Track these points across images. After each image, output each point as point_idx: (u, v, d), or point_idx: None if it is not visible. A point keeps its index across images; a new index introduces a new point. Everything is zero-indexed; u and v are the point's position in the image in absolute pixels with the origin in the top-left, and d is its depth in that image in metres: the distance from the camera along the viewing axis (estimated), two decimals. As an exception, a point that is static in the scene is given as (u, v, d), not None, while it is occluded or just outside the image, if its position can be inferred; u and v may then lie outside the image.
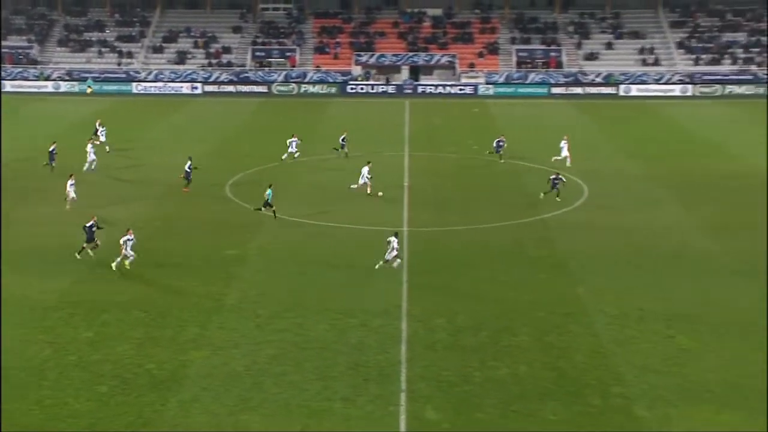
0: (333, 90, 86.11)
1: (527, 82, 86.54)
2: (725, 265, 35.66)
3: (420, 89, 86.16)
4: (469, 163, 53.62)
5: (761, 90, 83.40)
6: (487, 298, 31.96)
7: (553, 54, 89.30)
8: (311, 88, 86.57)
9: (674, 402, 24.39)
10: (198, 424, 23.13)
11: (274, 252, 36.22)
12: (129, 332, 28.68)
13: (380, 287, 32.86)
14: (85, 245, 35.36)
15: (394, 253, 34.02)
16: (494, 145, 53.46)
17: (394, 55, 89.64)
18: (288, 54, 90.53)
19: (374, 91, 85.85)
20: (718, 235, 39.42)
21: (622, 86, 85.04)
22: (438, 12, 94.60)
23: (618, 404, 24.34)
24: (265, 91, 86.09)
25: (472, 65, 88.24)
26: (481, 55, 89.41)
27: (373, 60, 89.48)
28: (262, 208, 41.49)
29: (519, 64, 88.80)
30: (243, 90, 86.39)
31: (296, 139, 53.72)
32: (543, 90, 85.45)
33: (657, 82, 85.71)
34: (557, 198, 44.55)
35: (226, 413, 23.64)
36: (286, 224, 40.91)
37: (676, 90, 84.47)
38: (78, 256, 35.43)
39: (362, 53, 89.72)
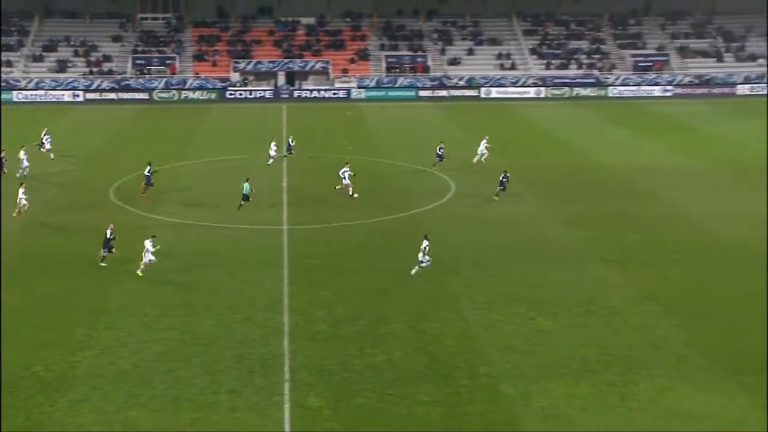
0: (213, 96, 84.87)
1: (396, 85, 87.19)
2: (580, 252, 36.76)
3: (296, 94, 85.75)
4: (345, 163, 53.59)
5: (603, 92, 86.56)
6: (364, 290, 32.10)
7: (419, 59, 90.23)
8: (191, 95, 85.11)
9: (535, 378, 25.05)
10: (88, 424, 22.50)
11: (160, 253, 35.50)
12: (16, 336, 27.65)
13: (263, 283, 32.64)
14: (104, 254, 34.33)
15: (423, 257, 33.05)
16: (437, 153, 52.24)
17: (270, 61, 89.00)
18: (168, 62, 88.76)
19: (252, 96, 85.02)
20: (574, 225, 40.59)
21: (482, 89, 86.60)
22: (311, 20, 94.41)
23: (485, 383, 24.84)
24: (147, 98, 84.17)
25: (345, 71, 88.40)
26: (352, 60, 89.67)
27: (250, 67, 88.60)
28: (242, 203, 41.63)
29: (388, 69, 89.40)
30: (124, 97, 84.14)
31: (275, 142, 53.62)
32: (411, 93, 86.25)
33: (514, 84, 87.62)
34: (495, 197, 44.76)
35: (114, 411, 23.07)
36: (171, 225, 40.17)
37: (531, 92, 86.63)
38: (103, 264, 34.28)
39: (240, 60, 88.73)
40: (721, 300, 31.14)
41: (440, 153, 51.77)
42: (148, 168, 45.24)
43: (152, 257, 33.25)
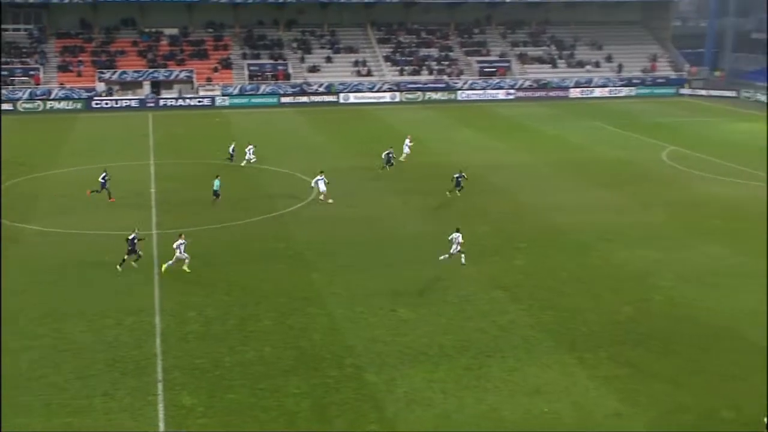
0: (79, 106, 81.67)
1: (259, 93, 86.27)
2: (435, 246, 37.22)
3: (162, 102, 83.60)
4: (211, 168, 52.57)
5: (452, 96, 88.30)
6: (233, 289, 31.63)
7: (280, 67, 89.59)
8: (57, 105, 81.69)
9: (397, 366, 25.31)
10: (-41, 434, 21.32)
11: (30, 261, 33.97)
12: None
13: (133, 287, 31.67)
14: (126, 257, 33.22)
15: (458, 247, 33.29)
16: (384, 156, 51.76)
17: (135, 71, 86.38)
18: (32, 72, 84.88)
19: (119, 105, 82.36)
20: (429, 220, 41.21)
21: (341, 94, 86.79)
22: (174, 31, 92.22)
23: (351, 373, 24.92)
24: (11, 108, 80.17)
25: (209, 79, 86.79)
26: (216, 69, 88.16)
27: (115, 77, 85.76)
28: (216, 198, 42.70)
29: (251, 77, 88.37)
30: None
31: (252, 146, 52.89)
32: (273, 100, 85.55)
33: (370, 90, 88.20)
34: (458, 193, 44.92)
35: (-13, 420, 21.94)
36: (39, 234, 38.47)
37: (387, 97, 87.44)
38: (119, 268, 33.15)
39: (105, 70, 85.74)
40: (562, 284, 32.29)
41: (389, 156, 51.81)
42: (103, 174, 44.26)
43: (185, 254, 33.02)
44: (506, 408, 22.91)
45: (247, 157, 52.81)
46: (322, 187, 44.13)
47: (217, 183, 43.40)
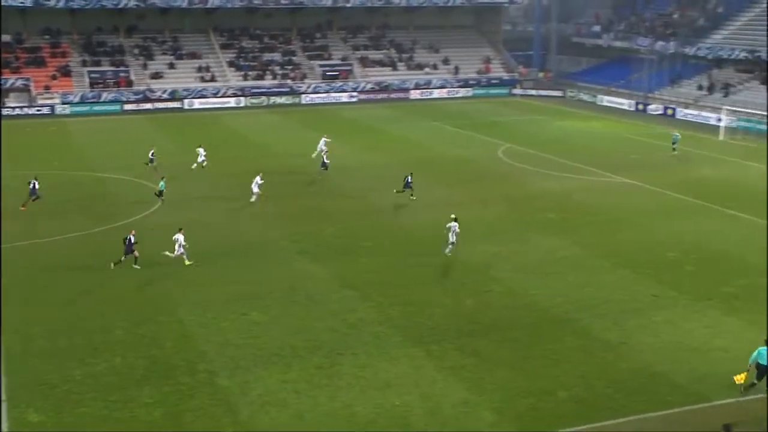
0: None
1: (101, 100, 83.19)
2: (283, 247, 37.23)
3: (-3, 111, 79.23)
4: (55, 179, 50.40)
5: (297, 100, 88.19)
6: (81, 300, 30.46)
7: (122, 74, 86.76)
8: None
9: (251, 369, 25.11)
10: None
11: None
12: None
13: (-28, 305, 29.92)
14: (123, 258, 33.63)
15: (455, 237, 34.64)
16: (321, 156, 51.58)
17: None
18: None
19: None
20: (278, 223, 41.05)
21: (186, 100, 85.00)
22: (8, 38, 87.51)
23: (204, 379, 24.51)
24: None
25: (47, 87, 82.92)
26: (54, 77, 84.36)
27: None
28: (160, 197, 43.47)
29: (92, 84, 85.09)
30: None
31: (203, 149, 53.19)
32: (116, 107, 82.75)
33: (215, 95, 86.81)
34: (411, 197, 44.92)
35: None
36: None
37: (231, 102, 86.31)
38: (113, 266, 33.60)
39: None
40: (408, 281, 32.91)
41: (324, 160, 51.35)
42: (32, 181, 42.73)
43: (183, 250, 33.92)
44: (358, 404, 23.16)
45: (199, 160, 52.52)
46: (255, 187, 44.63)
47: (162, 184, 44.23)
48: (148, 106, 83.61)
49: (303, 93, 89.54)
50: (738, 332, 27.92)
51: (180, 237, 34.37)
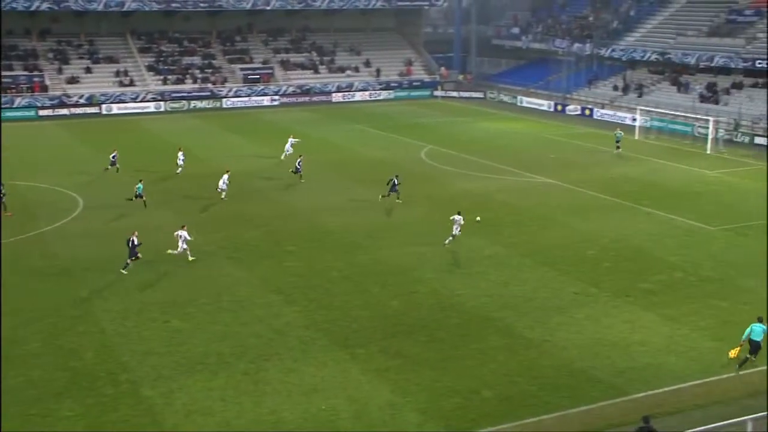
0: None
1: (14, 106, 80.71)
2: (207, 252, 36.74)
3: None
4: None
5: (218, 104, 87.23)
6: (-6, 314, 29.52)
7: (36, 79, 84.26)
8: None
9: (174, 377, 24.72)
10: None
11: None
12: None
13: None
14: (129, 261, 33.77)
15: (459, 229, 36.69)
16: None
17: None
18: None
19: None
20: (201, 228, 40.47)
21: (104, 105, 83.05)
22: None
23: (127, 389, 24.04)
24: None
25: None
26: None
27: None
28: (135, 199, 43.38)
29: (4, 89, 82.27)
30: None
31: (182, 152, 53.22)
32: (31, 113, 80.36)
33: (134, 100, 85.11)
34: (398, 200, 44.82)
35: None
36: None
37: (151, 107, 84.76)
38: (124, 272, 33.54)
39: None
40: (333, 284, 32.89)
41: (297, 165, 50.89)
42: None
43: (186, 246, 34.64)
44: (285, 409, 23.02)
45: (179, 163, 52.60)
46: (222, 185, 45.52)
47: (140, 187, 43.73)
48: (65, 111, 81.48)
49: (224, 97, 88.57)
50: (655, 327, 28.72)
51: (184, 233, 34.96)
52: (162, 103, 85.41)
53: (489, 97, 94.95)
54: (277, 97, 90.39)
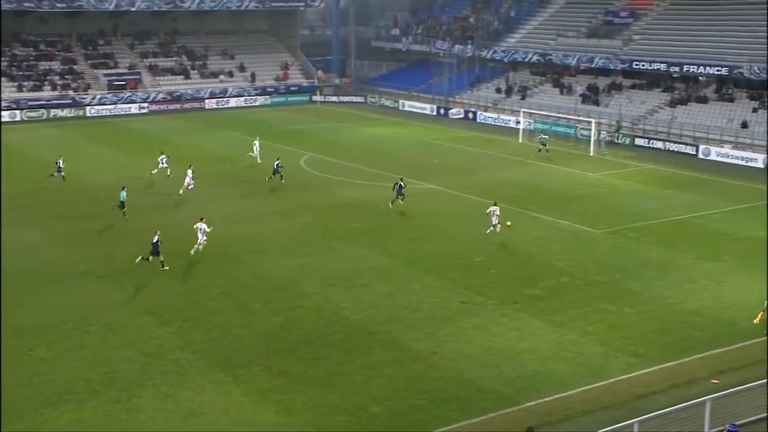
0: None
1: None
2: (75, 272, 35.60)
3: None
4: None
5: (81, 112, 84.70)
6: None
7: None
8: None
9: (39, 410, 23.84)
10: None
11: None
12: None
13: None
14: (150, 257, 35.50)
15: (497, 220, 40.05)
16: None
17: None
18: None
19: None
20: (66, 245, 39.27)
21: (-49, 115, 79.35)
22: None
23: (-15, 426, 23.04)
24: None
25: None
26: None
27: None
28: (118, 208, 43.57)
29: None
30: None
31: (165, 156, 53.44)
32: None
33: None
34: (400, 202, 46.18)
35: None
36: None
37: (6, 116, 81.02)
38: (137, 261, 35.65)
39: None
40: (211, 301, 32.44)
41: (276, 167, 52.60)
42: None
43: (205, 238, 37.25)
44: (161, 437, 22.57)
45: (161, 166, 53.04)
46: (189, 180, 48.47)
47: (123, 195, 43.84)
48: None
49: (88, 105, 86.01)
50: (543, 334, 29.59)
51: (203, 225, 37.61)
52: (17, 111, 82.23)
53: (370, 101, 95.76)
54: (145, 105, 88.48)
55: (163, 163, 53.45)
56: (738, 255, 38.62)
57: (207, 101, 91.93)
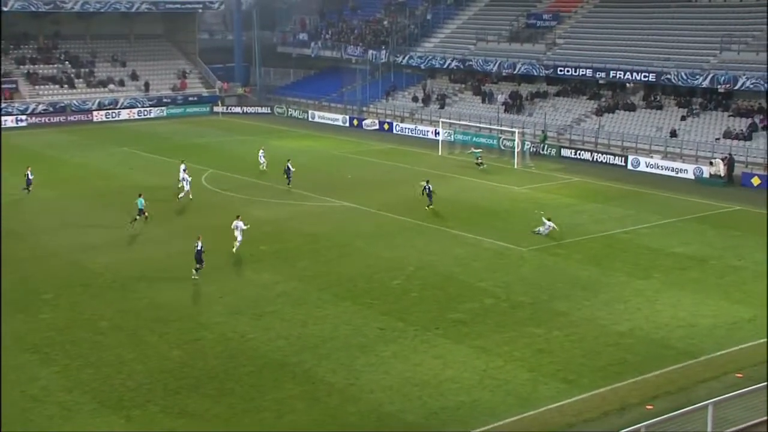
0: None
1: None
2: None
3: None
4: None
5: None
6: None
7: None
8: None
9: None
10: None
11: None
12: None
13: None
14: (198, 266, 37.57)
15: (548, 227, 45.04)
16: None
17: None
18: None
19: None
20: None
21: None
22: None
23: None
24: None
25: None
26: None
27: None
28: (137, 217, 45.62)
29: None
30: None
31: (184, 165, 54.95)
32: None
33: None
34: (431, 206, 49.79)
35: None
36: None
37: None
38: (194, 275, 37.64)
39: None
40: (101, 336, 31.76)
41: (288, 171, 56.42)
42: None
43: (241, 236, 41.01)
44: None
45: (181, 177, 53.94)
46: (185, 182, 51.43)
47: (140, 202, 46.09)
48: None
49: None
50: (467, 360, 29.82)
51: (240, 223, 41.08)
52: None
53: (277, 112, 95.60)
54: (24, 117, 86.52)
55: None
56: (669, 271, 39.71)
57: (95, 113, 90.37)
